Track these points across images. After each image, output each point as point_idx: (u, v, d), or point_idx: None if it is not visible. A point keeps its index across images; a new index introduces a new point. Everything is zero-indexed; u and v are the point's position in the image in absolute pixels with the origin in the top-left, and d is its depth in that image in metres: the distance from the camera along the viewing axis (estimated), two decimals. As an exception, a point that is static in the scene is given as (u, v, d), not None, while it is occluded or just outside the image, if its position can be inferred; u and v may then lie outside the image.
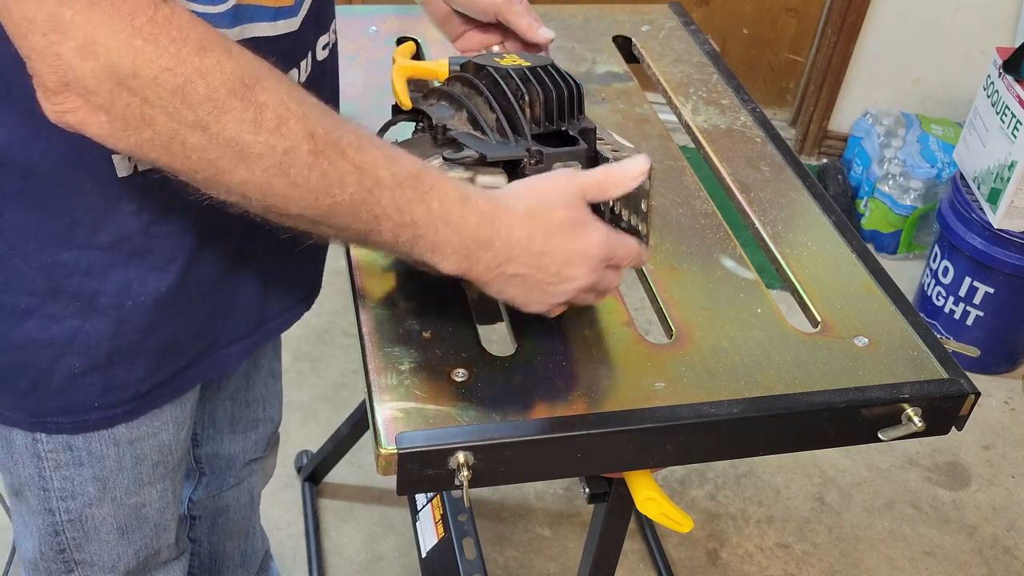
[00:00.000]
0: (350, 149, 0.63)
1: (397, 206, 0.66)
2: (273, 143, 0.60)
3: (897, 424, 0.83)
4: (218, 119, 0.58)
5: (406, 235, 0.68)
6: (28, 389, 0.80)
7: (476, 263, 0.71)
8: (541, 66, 0.84)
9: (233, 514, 1.32)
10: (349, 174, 0.63)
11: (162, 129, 0.58)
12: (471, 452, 0.74)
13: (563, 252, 0.73)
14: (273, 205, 0.63)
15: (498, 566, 1.74)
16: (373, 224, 0.66)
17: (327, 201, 0.64)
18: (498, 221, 0.71)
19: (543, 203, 0.73)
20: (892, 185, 2.51)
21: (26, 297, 0.75)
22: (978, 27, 2.60)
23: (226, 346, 0.89)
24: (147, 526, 0.96)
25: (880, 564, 1.83)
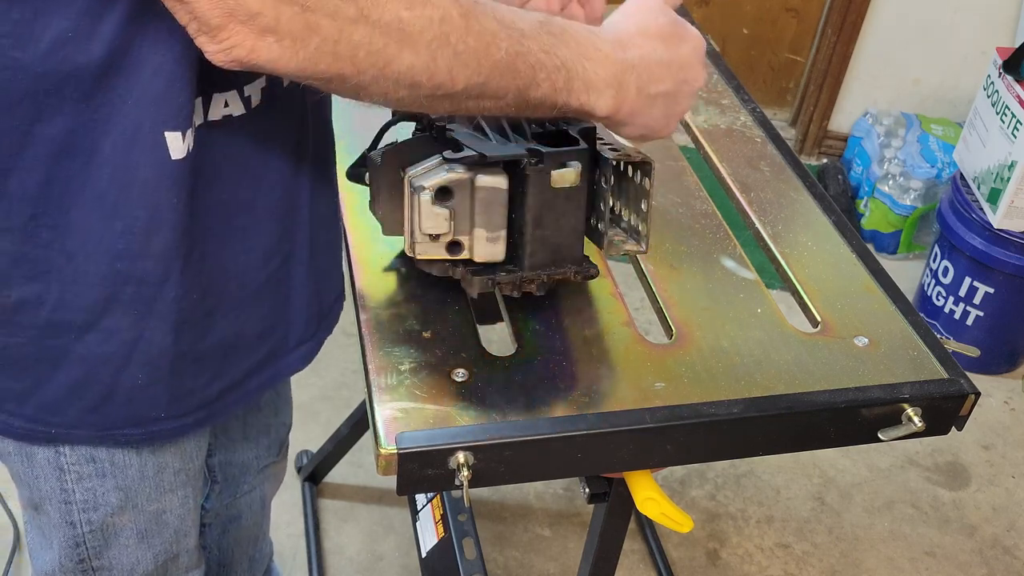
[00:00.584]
0: (489, 8, 0.65)
1: (545, 51, 0.67)
2: (429, 14, 0.61)
3: (897, 424, 0.83)
4: (375, 3, 0.59)
5: (561, 79, 0.69)
6: (96, 403, 0.78)
7: (627, 90, 0.72)
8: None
9: (245, 521, 1.31)
10: (499, 31, 0.65)
11: (328, 33, 0.58)
12: (471, 452, 0.74)
13: (684, 53, 0.76)
14: (441, 84, 0.64)
15: (498, 566, 1.74)
16: (530, 76, 0.67)
17: (487, 63, 0.65)
18: (626, 44, 0.73)
19: (647, 18, 0.75)
20: (892, 185, 2.51)
21: (83, 313, 0.74)
22: (978, 27, 2.60)
23: (294, 348, 0.89)
24: (167, 531, 0.95)
25: (880, 564, 1.83)
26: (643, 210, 0.81)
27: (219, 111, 0.71)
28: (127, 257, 0.72)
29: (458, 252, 0.81)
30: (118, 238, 0.71)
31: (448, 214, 0.78)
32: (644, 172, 0.80)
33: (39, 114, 0.65)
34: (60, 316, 0.74)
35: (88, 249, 0.71)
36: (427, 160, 0.79)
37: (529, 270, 0.83)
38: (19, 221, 0.69)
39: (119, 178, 0.68)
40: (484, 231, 0.80)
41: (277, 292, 0.84)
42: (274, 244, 0.81)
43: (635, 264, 0.95)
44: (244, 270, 0.80)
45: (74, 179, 0.68)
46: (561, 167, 0.79)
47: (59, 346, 0.75)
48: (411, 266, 0.88)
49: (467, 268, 0.83)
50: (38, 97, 0.64)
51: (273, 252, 0.82)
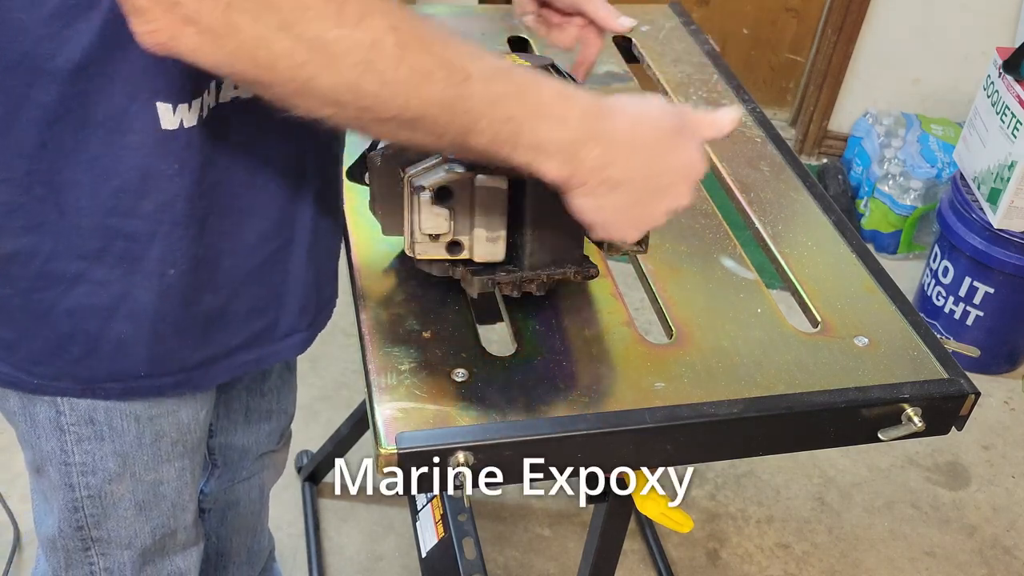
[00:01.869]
0: (435, 44, 0.62)
1: (490, 100, 0.64)
2: (358, 37, 0.59)
3: (897, 424, 0.83)
4: (302, 16, 0.57)
5: (506, 132, 0.65)
6: (80, 355, 0.81)
7: (581, 163, 0.67)
8: (541, 66, 0.84)
9: (243, 509, 1.32)
10: (437, 68, 0.62)
11: (248, 36, 0.57)
12: (471, 452, 0.74)
13: (673, 164, 0.71)
14: (368, 108, 0.62)
15: (498, 566, 1.74)
16: (468, 122, 0.64)
17: (418, 98, 0.62)
18: (602, 119, 0.68)
19: (646, 110, 0.71)
20: (892, 185, 2.51)
21: (75, 262, 0.76)
22: (978, 27, 2.60)
23: (287, 335, 0.89)
24: (164, 504, 0.97)
25: (880, 564, 1.83)
26: (643, 210, 0.81)
27: (228, 93, 0.73)
28: (118, 214, 0.73)
29: (458, 252, 0.81)
30: (110, 196, 0.72)
31: (448, 214, 0.78)
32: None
33: (34, 79, 0.66)
34: (52, 267, 0.76)
35: (80, 205, 0.73)
36: (427, 160, 0.79)
37: (529, 270, 0.83)
38: (17, 174, 0.71)
39: (112, 142, 0.70)
40: (484, 231, 0.80)
41: (272, 275, 0.85)
42: (274, 228, 0.82)
43: (635, 264, 0.95)
44: (239, 249, 0.81)
45: (67, 142, 0.70)
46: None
47: (49, 298, 0.77)
48: (411, 266, 0.88)
49: (467, 268, 0.83)
50: (36, 62, 0.66)
51: (272, 235, 0.82)
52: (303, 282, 0.88)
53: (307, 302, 0.90)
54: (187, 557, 1.05)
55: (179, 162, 0.72)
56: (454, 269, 0.85)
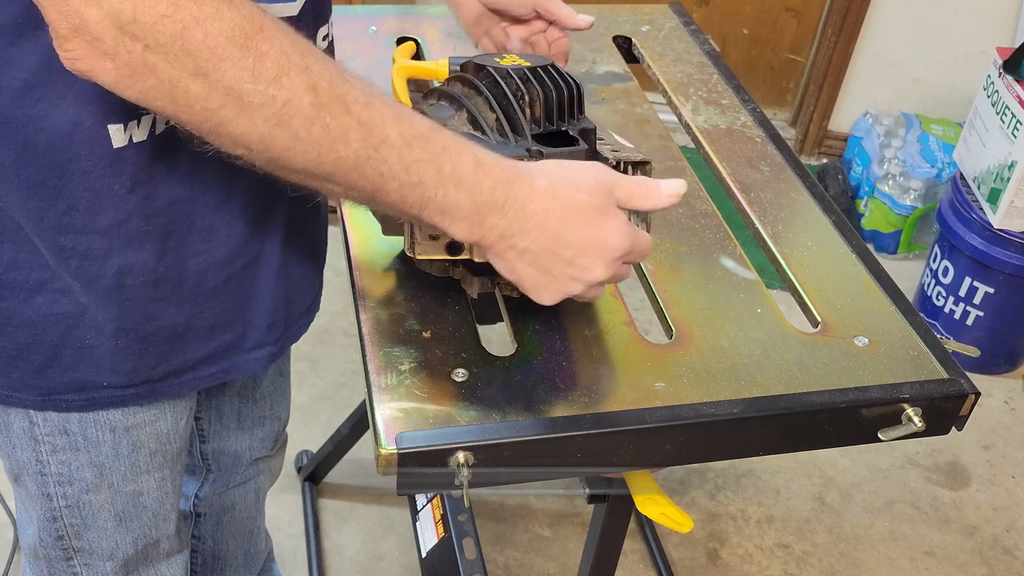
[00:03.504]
0: (356, 105, 0.63)
1: (404, 165, 0.65)
2: (273, 93, 0.60)
3: (897, 424, 0.83)
4: (216, 67, 0.58)
5: (414, 196, 0.67)
6: (41, 366, 0.80)
7: (488, 230, 0.69)
8: (541, 66, 0.84)
9: (239, 513, 1.32)
10: (353, 130, 0.63)
11: (164, 76, 0.58)
12: (471, 452, 0.74)
13: (581, 238, 0.71)
14: (276, 158, 0.63)
15: (498, 566, 1.74)
16: (379, 183, 0.65)
17: (331, 156, 0.63)
18: (514, 189, 0.69)
19: (567, 182, 0.71)
20: (892, 185, 2.51)
21: (36, 272, 0.75)
22: (978, 27, 2.60)
23: (253, 348, 0.89)
24: (145, 515, 0.96)
25: (880, 564, 1.83)
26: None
27: None
28: (70, 232, 0.73)
29: (458, 252, 0.81)
30: (61, 216, 0.72)
31: (448, 214, 0.78)
32: (643, 172, 0.80)
33: None
34: (11, 276, 0.76)
35: (32, 224, 0.73)
36: None
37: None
38: None
39: (58, 167, 0.70)
40: None
41: (239, 291, 0.85)
42: (239, 247, 0.82)
43: (635, 264, 0.95)
44: (203, 268, 0.80)
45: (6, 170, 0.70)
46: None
47: (8, 308, 0.77)
48: (411, 266, 0.88)
49: (467, 268, 0.83)
50: None
51: (238, 254, 0.82)
52: (272, 298, 0.88)
53: (276, 318, 0.89)
54: (172, 565, 1.04)
55: (131, 179, 0.72)
56: (454, 269, 0.85)
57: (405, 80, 1.06)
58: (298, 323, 0.94)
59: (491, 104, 0.83)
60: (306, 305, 0.94)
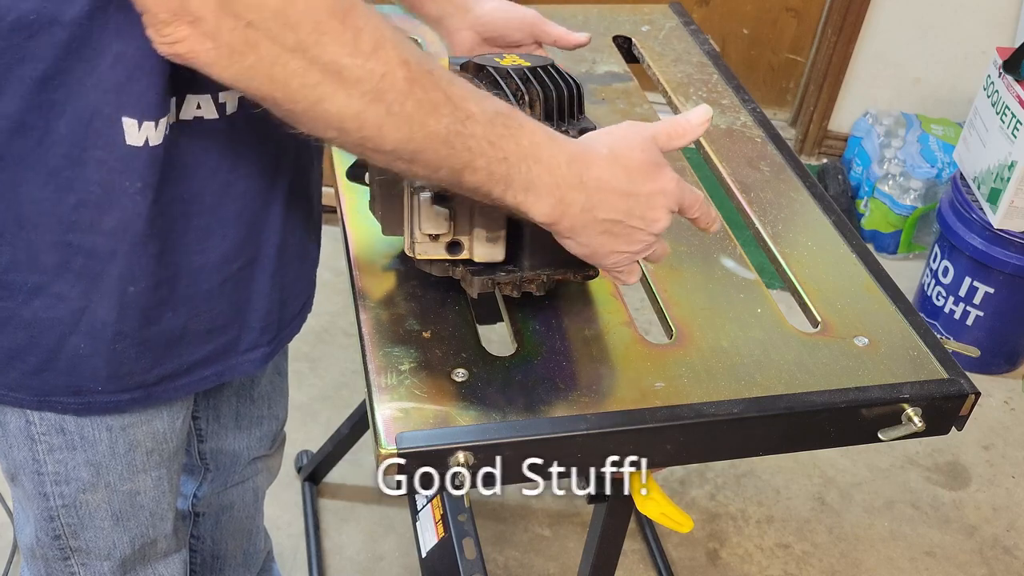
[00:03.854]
0: (443, 81, 0.64)
1: (490, 140, 0.67)
2: (371, 67, 0.61)
3: (897, 424, 0.83)
4: (318, 41, 0.59)
5: (500, 171, 0.68)
6: (36, 368, 0.80)
7: (570, 206, 0.72)
8: (541, 66, 0.84)
9: (237, 512, 1.32)
10: (443, 104, 0.64)
11: (265, 54, 0.59)
12: (471, 452, 0.74)
13: (647, 192, 0.74)
14: (369, 137, 0.64)
15: (498, 566, 1.74)
16: (467, 159, 0.67)
17: (422, 132, 0.64)
18: (587, 162, 0.72)
19: (623, 146, 0.74)
20: (892, 185, 2.51)
21: (35, 275, 0.75)
22: (978, 27, 2.60)
23: (248, 350, 0.89)
24: (142, 514, 0.96)
25: (880, 564, 1.83)
26: (643, 210, 0.81)
27: (191, 111, 0.73)
28: (78, 229, 0.73)
29: (458, 252, 0.81)
30: (70, 211, 0.72)
31: (448, 214, 0.78)
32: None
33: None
34: (10, 278, 0.76)
35: (39, 220, 0.73)
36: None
37: (529, 270, 0.83)
38: None
39: (74, 156, 0.70)
40: (484, 231, 0.80)
41: (234, 294, 0.85)
42: (236, 249, 0.82)
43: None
44: (199, 269, 0.80)
45: (27, 157, 0.70)
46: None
47: (6, 308, 0.77)
48: (411, 266, 0.88)
49: (467, 268, 0.83)
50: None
51: (234, 256, 0.82)
52: (266, 300, 0.88)
53: (270, 320, 0.89)
54: (169, 564, 1.04)
55: (141, 180, 0.72)
56: (454, 269, 0.85)
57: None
58: (292, 323, 0.94)
59: (491, 104, 0.83)
60: (299, 305, 0.94)
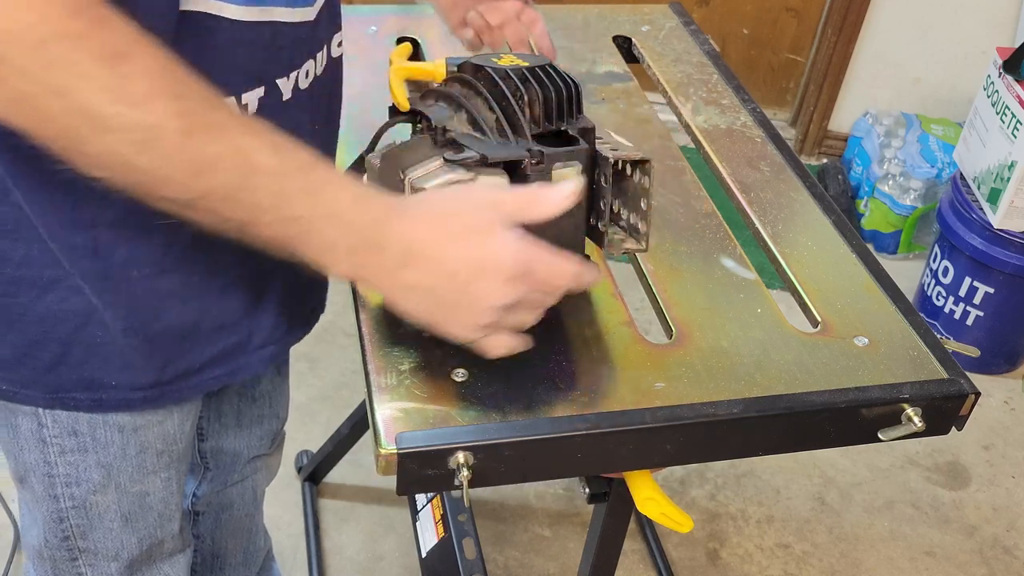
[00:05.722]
0: (229, 132, 0.61)
1: (279, 197, 0.63)
2: (138, 117, 0.58)
3: (897, 424, 0.83)
4: (78, 85, 0.56)
5: (292, 230, 0.64)
6: (50, 363, 0.80)
7: (369, 267, 0.67)
8: (539, 66, 0.84)
9: (237, 511, 1.32)
10: (225, 158, 0.61)
11: (21, 91, 0.56)
12: (471, 452, 0.74)
13: (468, 263, 0.67)
14: (139, 183, 0.61)
15: (498, 566, 1.74)
16: (254, 214, 0.63)
17: (198, 185, 0.61)
18: (395, 222, 0.67)
19: (446, 208, 0.69)
20: (892, 185, 2.51)
21: (48, 269, 0.75)
22: (978, 27, 2.60)
23: (257, 349, 0.89)
24: (151, 515, 0.97)
25: (880, 564, 1.83)
26: (643, 208, 0.81)
27: None
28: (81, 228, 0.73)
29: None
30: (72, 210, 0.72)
31: (448, 214, 0.78)
32: (643, 171, 0.80)
33: None
34: (24, 273, 0.75)
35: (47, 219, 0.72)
36: (427, 162, 0.79)
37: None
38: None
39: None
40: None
41: (248, 292, 0.84)
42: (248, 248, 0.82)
43: (635, 264, 0.95)
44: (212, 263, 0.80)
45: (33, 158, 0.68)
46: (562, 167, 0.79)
47: (20, 304, 0.77)
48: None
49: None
50: None
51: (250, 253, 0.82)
52: (281, 300, 0.88)
53: (282, 318, 0.89)
54: (175, 564, 1.04)
55: None
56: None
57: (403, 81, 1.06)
58: (303, 324, 0.94)
59: (490, 104, 0.83)
60: (312, 306, 0.94)
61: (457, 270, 0.68)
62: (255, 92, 0.75)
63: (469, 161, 0.78)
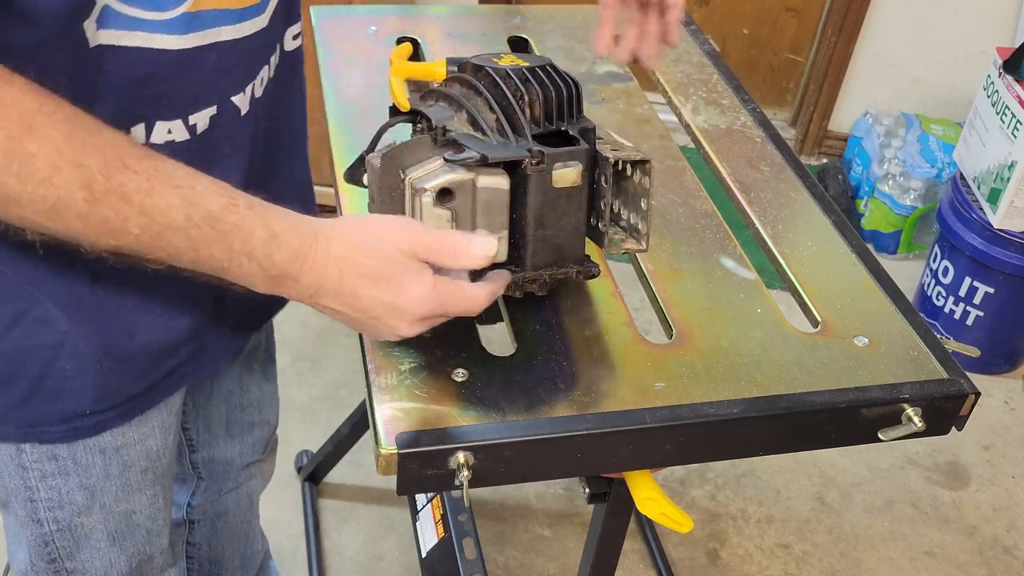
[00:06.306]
0: (137, 195, 0.62)
1: (194, 246, 0.65)
2: (43, 193, 0.59)
3: (897, 424, 0.83)
4: None
5: (210, 267, 0.67)
6: (22, 398, 0.79)
7: (288, 292, 0.70)
8: (539, 66, 0.84)
9: (232, 517, 1.32)
10: (133, 220, 0.62)
11: None
12: (471, 452, 0.74)
13: (379, 303, 0.71)
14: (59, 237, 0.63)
15: (498, 566, 1.74)
16: (173, 258, 0.66)
17: (112, 242, 0.63)
18: (307, 260, 0.69)
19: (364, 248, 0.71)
20: (892, 185, 2.51)
21: (12, 303, 0.75)
22: (978, 27, 2.60)
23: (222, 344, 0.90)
24: (139, 532, 0.96)
25: (880, 564, 1.83)
26: (643, 208, 0.81)
27: (162, 136, 0.72)
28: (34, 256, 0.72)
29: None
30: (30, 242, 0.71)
31: (450, 215, 0.78)
32: (643, 171, 0.80)
33: None
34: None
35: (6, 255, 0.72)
36: (427, 162, 0.79)
37: (531, 270, 0.83)
38: None
39: None
40: (486, 232, 0.80)
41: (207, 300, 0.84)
42: None
43: (635, 264, 0.95)
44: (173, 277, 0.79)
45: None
46: (562, 167, 0.79)
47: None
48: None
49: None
50: None
51: None
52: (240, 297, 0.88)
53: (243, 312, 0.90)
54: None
55: None
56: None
57: (403, 81, 1.06)
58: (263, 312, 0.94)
59: (491, 105, 0.83)
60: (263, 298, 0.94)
61: (369, 307, 0.71)
62: (205, 112, 0.74)
63: (469, 161, 0.78)
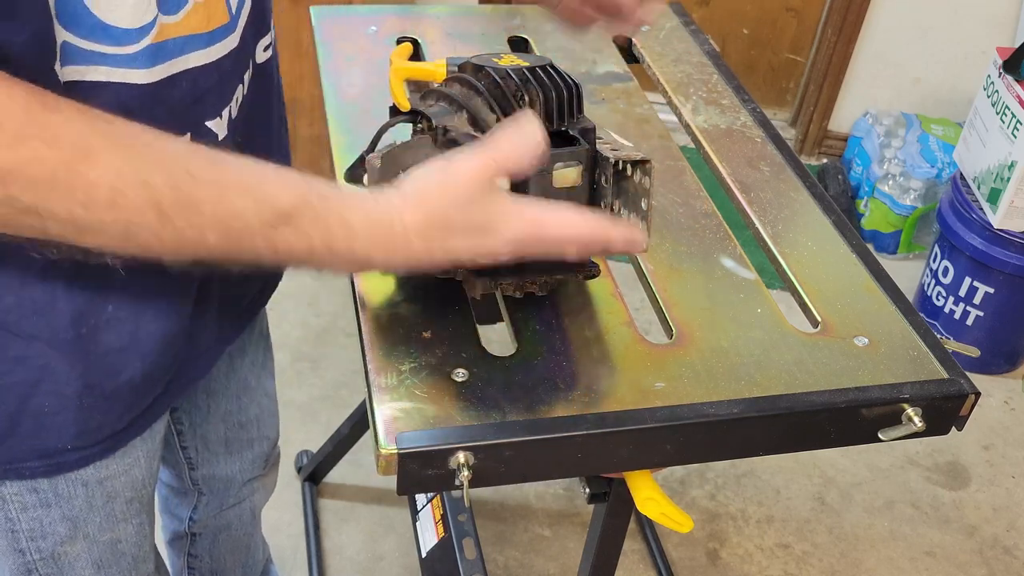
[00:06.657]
0: (207, 204, 0.61)
1: (272, 246, 0.64)
2: (111, 218, 0.59)
3: (897, 424, 0.83)
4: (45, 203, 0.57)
5: (292, 262, 0.67)
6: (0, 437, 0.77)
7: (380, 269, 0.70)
8: (540, 66, 0.84)
9: (235, 531, 1.31)
10: (209, 228, 0.62)
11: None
12: (471, 452, 0.74)
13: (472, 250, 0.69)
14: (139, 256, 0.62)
15: (498, 566, 1.74)
16: (253, 260, 0.65)
17: (194, 251, 0.62)
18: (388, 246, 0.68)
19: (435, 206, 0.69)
20: (892, 185, 2.51)
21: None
22: (978, 27, 2.60)
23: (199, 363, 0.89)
24: (124, 560, 0.94)
25: (880, 564, 1.83)
26: (643, 209, 0.81)
27: None
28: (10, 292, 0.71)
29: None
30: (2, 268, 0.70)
31: (448, 214, 0.78)
32: (644, 171, 0.80)
33: None
34: None
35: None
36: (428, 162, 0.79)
37: (532, 271, 0.83)
38: None
39: None
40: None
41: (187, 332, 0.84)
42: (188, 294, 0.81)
43: (635, 264, 0.95)
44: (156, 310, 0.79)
45: None
46: (562, 167, 0.79)
47: None
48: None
49: (469, 269, 0.83)
50: None
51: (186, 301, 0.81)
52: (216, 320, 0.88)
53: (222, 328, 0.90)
54: None
55: None
56: (456, 270, 0.84)
57: (403, 81, 1.06)
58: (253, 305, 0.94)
59: (491, 105, 0.83)
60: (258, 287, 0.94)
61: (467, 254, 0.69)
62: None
63: (469, 161, 0.77)
